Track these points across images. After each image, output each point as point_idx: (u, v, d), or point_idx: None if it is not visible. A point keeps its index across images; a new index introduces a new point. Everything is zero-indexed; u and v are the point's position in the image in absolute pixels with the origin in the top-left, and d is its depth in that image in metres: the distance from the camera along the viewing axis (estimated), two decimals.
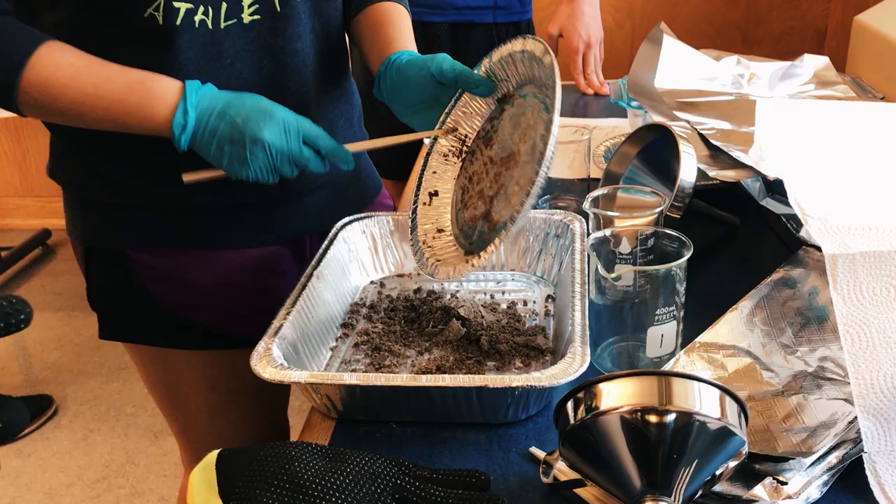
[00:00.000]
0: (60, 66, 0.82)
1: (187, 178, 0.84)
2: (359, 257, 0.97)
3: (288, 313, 0.79)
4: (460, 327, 0.84)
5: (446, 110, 0.90)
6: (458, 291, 0.93)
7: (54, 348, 2.59)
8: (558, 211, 0.97)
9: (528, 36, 0.83)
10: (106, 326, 1.05)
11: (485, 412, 0.72)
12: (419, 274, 0.99)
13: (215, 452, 0.67)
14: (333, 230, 0.96)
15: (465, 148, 0.90)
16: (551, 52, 0.78)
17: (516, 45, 0.84)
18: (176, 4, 0.82)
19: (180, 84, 0.83)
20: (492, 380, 0.68)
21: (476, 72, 0.88)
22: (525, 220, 0.74)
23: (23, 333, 2.63)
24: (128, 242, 0.97)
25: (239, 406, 1.10)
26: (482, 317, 0.86)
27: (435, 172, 0.91)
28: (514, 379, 0.68)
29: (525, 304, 0.91)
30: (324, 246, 0.93)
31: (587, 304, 0.78)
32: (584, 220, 0.94)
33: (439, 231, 0.88)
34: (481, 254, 0.76)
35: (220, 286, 1.00)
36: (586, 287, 0.80)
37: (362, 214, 0.99)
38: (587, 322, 0.75)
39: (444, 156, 0.91)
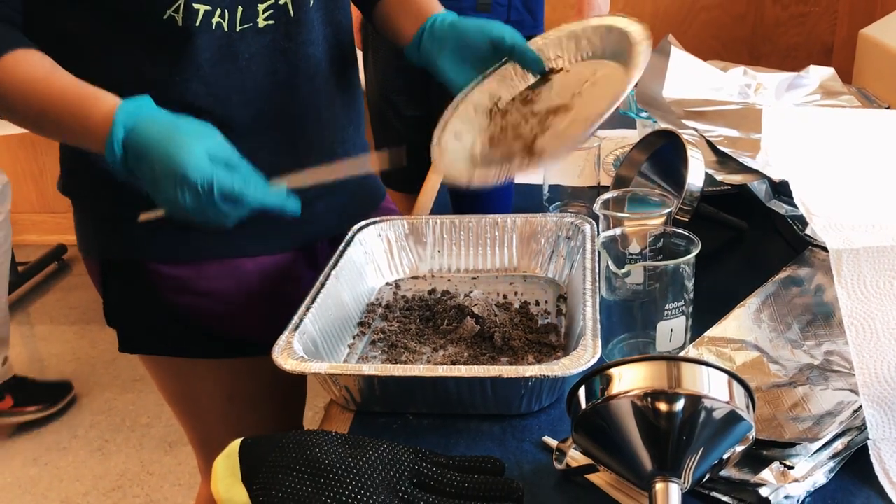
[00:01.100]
0: (18, 78, 0.81)
1: (143, 216, 0.82)
2: (374, 259, 1.00)
3: (307, 311, 0.82)
4: (474, 325, 0.86)
5: (487, 72, 0.99)
6: (471, 292, 0.96)
7: (70, 360, 2.62)
8: (569, 214, 1.00)
9: (591, 20, 0.96)
10: (126, 340, 1.06)
11: (499, 403, 0.74)
12: (433, 276, 1.01)
13: (238, 441, 0.69)
14: (350, 233, 0.99)
15: (495, 108, 0.98)
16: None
17: (579, 25, 0.98)
18: (195, 6, 0.85)
19: (112, 109, 0.78)
20: (506, 370, 0.70)
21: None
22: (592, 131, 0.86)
23: (38, 347, 2.66)
24: (147, 254, 0.98)
25: (257, 413, 1.12)
26: (495, 315, 0.88)
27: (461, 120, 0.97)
28: (528, 369, 0.70)
29: (537, 303, 0.93)
30: (340, 248, 0.95)
31: (598, 300, 0.80)
32: (594, 222, 0.96)
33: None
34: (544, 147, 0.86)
35: (238, 294, 1.01)
36: (597, 284, 0.82)
37: (378, 218, 1.02)
38: (598, 317, 0.77)
39: (473, 108, 0.98)
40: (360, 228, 1.00)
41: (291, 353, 0.75)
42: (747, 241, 1.09)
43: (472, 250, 1.02)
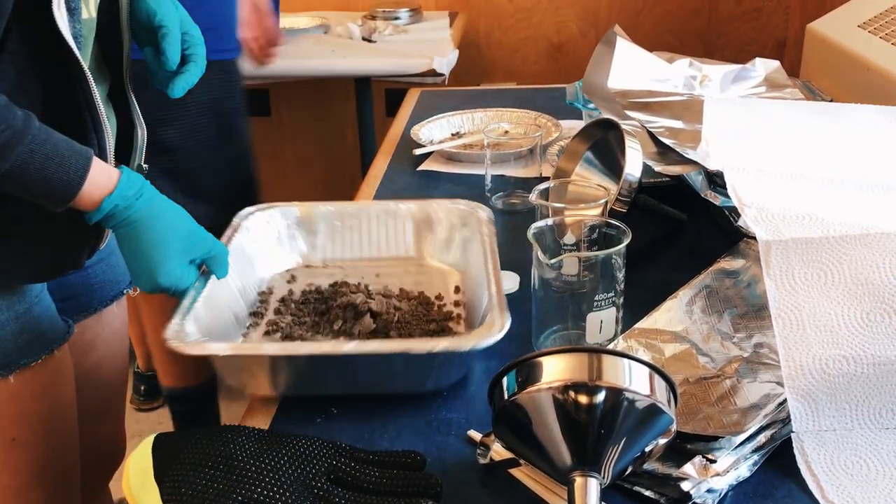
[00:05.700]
0: None
1: None
2: (264, 248, 0.95)
3: (197, 297, 0.78)
4: (371, 323, 0.83)
5: None
6: (368, 286, 0.91)
7: None
8: (461, 200, 0.97)
9: None
10: None
11: (408, 381, 0.73)
12: (326, 265, 0.98)
13: (151, 437, 0.67)
14: (236, 219, 0.94)
15: None
16: None
17: None
18: None
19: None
20: (415, 345, 0.68)
21: None
22: None
23: None
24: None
25: None
26: (394, 309, 0.86)
27: None
28: (438, 343, 0.68)
29: (437, 295, 0.90)
30: (226, 235, 0.91)
31: (500, 277, 0.79)
32: (487, 207, 0.95)
33: None
34: None
35: None
36: (498, 266, 0.81)
37: (265, 205, 0.98)
38: (503, 293, 0.76)
39: None
40: (247, 215, 0.95)
41: (185, 336, 0.72)
42: (687, 232, 1.08)
43: (366, 237, 0.98)
